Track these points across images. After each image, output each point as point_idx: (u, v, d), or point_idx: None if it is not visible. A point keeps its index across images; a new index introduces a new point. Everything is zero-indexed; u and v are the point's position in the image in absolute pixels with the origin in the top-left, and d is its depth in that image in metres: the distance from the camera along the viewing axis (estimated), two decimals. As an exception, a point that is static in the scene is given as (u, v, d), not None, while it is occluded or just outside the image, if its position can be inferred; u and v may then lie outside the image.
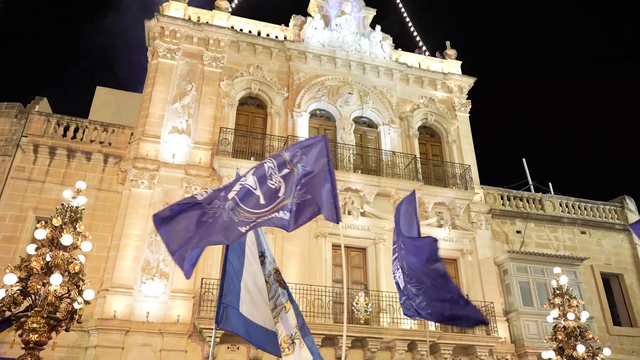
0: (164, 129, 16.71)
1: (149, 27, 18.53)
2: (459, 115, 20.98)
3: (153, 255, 14.67)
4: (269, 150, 17.14)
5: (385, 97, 20.06)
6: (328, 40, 20.19)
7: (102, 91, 22.94)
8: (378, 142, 19.37)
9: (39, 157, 15.24)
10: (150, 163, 15.69)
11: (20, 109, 15.77)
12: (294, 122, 18.25)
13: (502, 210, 19.62)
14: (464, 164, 19.26)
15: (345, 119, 18.87)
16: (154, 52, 18.24)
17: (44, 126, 15.72)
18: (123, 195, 15.44)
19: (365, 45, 20.69)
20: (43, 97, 17.15)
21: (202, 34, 18.70)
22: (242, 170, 16.06)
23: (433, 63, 22.14)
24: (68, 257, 8.84)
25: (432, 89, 21.29)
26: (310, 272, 15.79)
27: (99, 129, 16.38)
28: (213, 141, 16.91)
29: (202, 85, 17.93)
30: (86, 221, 14.61)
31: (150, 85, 17.51)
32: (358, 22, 21.38)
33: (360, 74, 20.24)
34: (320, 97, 19.07)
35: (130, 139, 16.57)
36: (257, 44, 19.32)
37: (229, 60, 18.83)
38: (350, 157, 17.91)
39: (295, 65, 19.45)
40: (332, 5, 21.40)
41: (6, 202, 14.41)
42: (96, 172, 15.59)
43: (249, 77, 18.56)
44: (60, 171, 15.25)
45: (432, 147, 20.36)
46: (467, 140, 20.56)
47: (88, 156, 15.67)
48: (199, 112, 17.39)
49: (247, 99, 18.79)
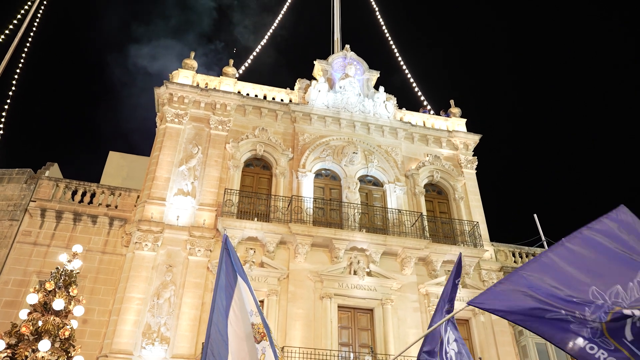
0: (170, 192, 16.92)
1: (158, 94, 19.22)
2: (466, 172, 20.92)
3: (154, 319, 14.44)
4: (273, 211, 17.16)
5: (390, 156, 20.18)
6: (332, 101, 20.66)
7: (114, 156, 23.67)
8: (384, 201, 19.29)
9: (45, 221, 15.47)
10: (155, 225, 15.79)
11: (30, 175, 16.19)
12: (299, 182, 18.37)
13: (515, 267, 19.05)
14: (472, 221, 18.98)
15: (351, 178, 18.93)
16: (162, 117, 18.82)
17: (53, 191, 16.06)
18: (127, 258, 15.44)
19: (369, 105, 21.09)
20: (54, 163, 17.64)
21: (209, 99, 19.32)
22: (247, 232, 16.14)
23: (438, 121, 22.39)
24: (59, 323, 8.72)
25: (438, 147, 21.40)
26: (316, 335, 15.31)
27: (106, 192, 16.67)
28: (218, 202, 17.03)
29: (208, 148, 18.31)
30: (89, 285, 14.67)
31: (157, 149, 17.93)
32: (362, 84, 21.92)
33: (364, 133, 20.51)
34: (325, 157, 19.27)
35: (136, 202, 16.78)
36: (262, 107, 19.84)
37: (235, 123, 19.31)
38: (356, 215, 17.81)
39: (300, 126, 19.83)
40: (337, 69, 22.08)
41: (11, 267, 14.50)
42: (101, 235, 15.71)
43: (254, 139, 18.93)
44: (66, 235, 15.41)
45: (439, 205, 20.18)
46: (475, 196, 20.38)
47: (94, 219, 15.85)
48: (204, 174, 17.65)
49: (253, 161, 19.07)
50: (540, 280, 3.90)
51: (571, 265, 3.97)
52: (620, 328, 3.53)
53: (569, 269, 3.96)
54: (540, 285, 3.85)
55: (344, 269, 16.73)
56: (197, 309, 14.84)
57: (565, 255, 4.07)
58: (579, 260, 3.98)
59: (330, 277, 16.39)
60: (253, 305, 7.78)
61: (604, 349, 3.57)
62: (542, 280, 3.91)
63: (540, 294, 3.79)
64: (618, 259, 3.92)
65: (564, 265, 4.00)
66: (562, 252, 4.10)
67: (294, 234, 16.45)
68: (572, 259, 4.02)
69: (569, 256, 4.05)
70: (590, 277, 3.85)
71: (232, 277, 8.26)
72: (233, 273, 8.24)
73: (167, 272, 15.26)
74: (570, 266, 3.97)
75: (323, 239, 16.74)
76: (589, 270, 3.90)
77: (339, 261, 16.76)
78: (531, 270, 4.04)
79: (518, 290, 3.91)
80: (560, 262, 4.02)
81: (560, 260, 4.04)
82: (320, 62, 22.11)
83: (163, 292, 14.85)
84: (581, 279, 3.86)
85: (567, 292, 3.77)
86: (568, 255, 4.06)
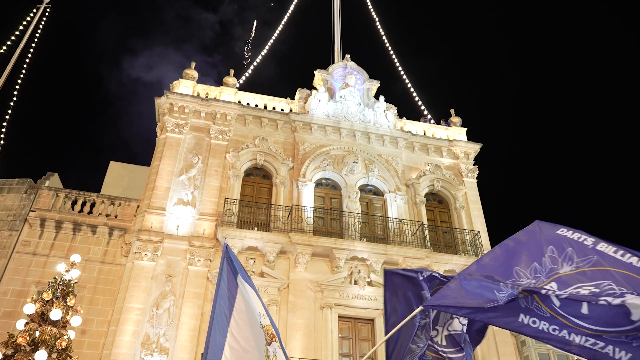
0: (170, 201, 16.89)
1: (159, 104, 19.27)
2: (467, 181, 20.87)
3: (153, 330, 14.34)
4: (273, 221, 17.11)
5: (391, 165, 20.15)
6: (332, 111, 20.68)
7: (115, 166, 23.68)
8: (384, 210, 19.23)
9: (45, 231, 15.43)
10: (155, 235, 15.74)
11: (30, 185, 16.19)
12: (299, 191, 18.33)
13: (517, 277, 18.90)
14: (473, 230, 18.90)
15: (351, 187, 18.89)
16: (162, 127, 18.84)
17: (52, 200, 16.05)
18: (126, 268, 15.38)
19: (370, 115, 21.11)
20: (54, 173, 17.65)
21: (210, 108, 19.36)
22: (247, 241, 16.10)
23: (438, 131, 22.39)
24: (56, 333, 8.65)
25: (438, 156, 21.38)
26: (316, 345, 15.19)
27: (106, 202, 16.65)
28: (218, 212, 16.99)
29: (208, 157, 18.31)
30: (88, 295, 14.59)
31: (157, 159, 17.94)
32: (362, 94, 21.96)
33: (365, 143, 20.50)
34: (326, 166, 19.24)
35: (136, 212, 16.75)
36: (262, 117, 19.87)
37: (235, 133, 19.32)
38: (356, 225, 17.75)
39: (301, 136, 19.84)
40: (337, 78, 22.13)
41: (10, 277, 14.44)
42: (101, 245, 15.66)
43: (255, 148, 18.94)
44: (65, 245, 15.36)
45: (440, 214, 20.11)
46: (476, 205, 20.31)
47: (93, 229, 15.81)
48: (204, 183, 17.63)
49: (253, 170, 19.06)
50: (477, 276, 4.57)
51: (497, 260, 4.78)
52: (547, 297, 4.07)
53: (495, 262, 4.75)
54: (477, 280, 4.52)
55: (345, 279, 16.64)
56: (196, 319, 14.74)
57: (493, 256, 4.87)
58: (502, 256, 4.82)
59: (331, 287, 16.30)
60: (261, 307, 7.71)
61: (544, 319, 4.07)
62: (478, 275, 4.58)
63: (478, 288, 4.42)
64: (531, 246, 4.75)
65: (492, 261, 4.78)
66: (490, 255, 4.91)
67: (294, 244, 16.38)
68: (498, 256, 4.84)
69: (495, 256, 4.85)
70: (513, 262, 4.66)
71: (233, 286, 8.20)
72: (234, 282, 8.19)
73: (167, 282, 15.19)
74: (497, 261, 4.77)
75: (323, 248, 16.67)
76: (511, 259, 4.70)
77: (340, 271, 16.68)
78: (469, 270, 4.74)
79: (462, 288, 4.55)
80: (490, 261, 4.81)
81: (489, 259, 4.84)
82: (321, 71, 22.17)
83: (162, 302, 14.76)
84: (506, 266, 4.64)
85: (497, 278, 4.45)
86: (494, 256, 4.86)
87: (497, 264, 4.74)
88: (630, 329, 3.71)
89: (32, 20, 22.47)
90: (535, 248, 4.72)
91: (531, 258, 4.65)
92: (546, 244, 4.71)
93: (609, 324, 3.78)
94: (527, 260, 4.66)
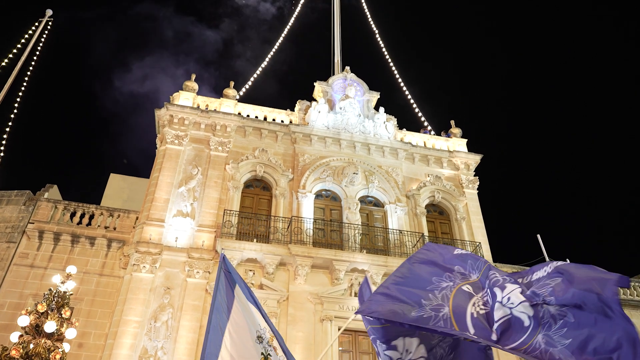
0: (169, 213, 16.82)
1: (159, 115, 19.29)
2: (467, 192, 20.78)
3: (151, 343, 14.17)
4: (273, 232, 17.01)
5: (391, 176, 20.08)
6: (332, 122, 20.67)
7: (115, 178, 23.65)
8: (385, 221, 19.13)
9: (43, 243, 15.35)
10: (153, 247, 15.64)
11: (29, 196, 16.15)
12: (299, 203, 18.25)
13: (519, 289, 18.71)
14: (474, 241, 18.76)
15: (351, 199, 18.81)
16: (162, 139, 18.84)
17: (51, 212, 15.99)
18: (124, 280, 15.26)
19: (370, 126, 21.10)
20: (53, 185, 17.61)
21: (210, 120, 19.36)
22: (246, 253, 15.98)
23: (438, 142, 22.35)
24: (50, 346, 8.53)
25: (439, 167, 21.31)
26: (316, 358, 14.99)
27: (105, 214, 16.58)
28: (217, 224, 16.90)
29: (208, 169, 18.27)
30: (85, 308, 14.46)
31: (157, 171, 17.90)
32: (362, 105, 21.97)
33: (365, 154, 20.46)
34: (326, 177, 19.18)
35: (135, 224, 16.67)
36: (262, 129, 19.86)
37: (235, 145, 19.31)
38: (357, 236, 17.64)
39: (301, 147, 19.81)
40: (337, 90, 22.16)
41: (7, 289, 14.33)
42: (99, 257, 15.57)
43: (254, 160, 18.90)
44: (64, 257, 15.27)
45: (441, 225, 19.99)
46: (477, 217, 20.19)
47: (92, 241, 15.73)
48: (204, 195, 17.57)
49: (253, 182, 19.00)
50: (399, 285, 4.85)
51: (415, 272, 5.08)
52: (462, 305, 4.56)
53: (414, 273, 5.05)
54: (399, 288, 4.79)
55: (345, 291, 16.48)
56: (195, 332, 14.58)
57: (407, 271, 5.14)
58: (418, 271, 5.12)
59: (331, 299, 16.14)
60: (262, 320, 7.57)
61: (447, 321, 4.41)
62: (399, 284, 4.85)
63: (404, 295, 4.68)
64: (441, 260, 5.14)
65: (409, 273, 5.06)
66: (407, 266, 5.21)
67: (294, 255, 16.26)
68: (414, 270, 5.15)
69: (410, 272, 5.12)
70: (431, 273, 5.02)
71: (230, 298, 8.09)
72: (231, 294, 8.08)
73: (165, 294, 15.06)
74: (416, 272, 5.07)
75: (323, 260, 16.55)
76: (428, 271, 5.04)
77: (340, 283, 16.53)
78: (389, 283, 4.94)
79: (390, 295, 4.76)
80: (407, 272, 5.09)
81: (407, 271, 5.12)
82: (321, 83, 22.21)
83: (160, 315, 14.62)
84: (425, 277, 4.95)
85: (415, 289, 4.78)
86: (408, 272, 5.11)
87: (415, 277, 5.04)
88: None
89: (34, 34, 22.61)
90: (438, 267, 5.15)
91: (446, 268, 5.09)
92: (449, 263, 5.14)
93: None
94: (444, 269, 5.09)
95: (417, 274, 4.99)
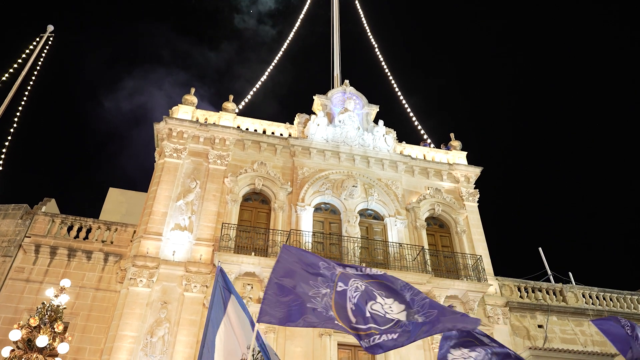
0: (167, 226, 16.71)
1: (158, 129, 19.28)
2: (468, 204, 20.64)
3: (147, 358, 13.95)
4: (271, 245, 16.86)
5: (391, 189, 19.97)
6: (332, 135, 20.63)
7: (114, 192, 23.59)
8: (384, 235, 18.97)
9: (39, 257, 15.23)
10: (150, 260, 15.49)
11: (26, 210, 16.06)
12: (298, 216, 18.13)
13: (521, 302, 18.49)
14: (475, 255, 18.57)
15: (350, 212, 18.68)
16: (161, 152, 18.80)
17: (48, 226, 15.89)
18: (121, 295, 15.08)
19: (369, 139, 21.05)
20: (51, 199, 17.54)
21: (209, 133, 19.33)
22: (244, 267, 15.83)
23: (438, 154, 22.28)
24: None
25: (439, 180, 21.21)
26: (315, 374, 14.74)
27: (102, 227, 16.48)
28: (215, 237, 16.77)
29: (206, 182, 18.19)
30: (81, 323, 14.28)
31: (155, 184, 17.83)
32: (361, 118, 21.95)
33: (364, 167, 20.38)
34: (325, 190, 19.07)
35: (132, 237, 16.55)
36: (261, 142, 19.81)
37: (234, 158, 19.25)
38: (356, 249, 17.47)
39: (300, 160, 19.74)
40: (336, 103, 22.17)
41: (2, 304, 14.17)
42: (95, 272, 15.42)
43: (253, 173, 18.81)
44: (60, 271, 15.13)
45: (441, 238, 19.81)
46: (478, 230, 20.02)
47: (89, 255, 15.60)
48: (202, 208, 17.46)
49: (252, 195, 18.90)
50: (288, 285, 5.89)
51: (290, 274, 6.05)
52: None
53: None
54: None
55: (344, 305, 16.24)
56: (191, 347, 14.36)
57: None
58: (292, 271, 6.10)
59: (330, 314, 15.90)
60: (250, 337, 7.45)
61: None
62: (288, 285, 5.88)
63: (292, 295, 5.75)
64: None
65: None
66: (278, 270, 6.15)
67: (292, 269, 16.07)
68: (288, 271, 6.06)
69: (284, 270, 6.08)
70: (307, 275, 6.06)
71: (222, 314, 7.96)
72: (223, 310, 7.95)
73: (162, 309, 14.87)
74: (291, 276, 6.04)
75: (322, 273, 16.34)
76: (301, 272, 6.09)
77: (339, 297, 16.30)
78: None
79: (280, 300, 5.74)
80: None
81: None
82: (320, 97, 22.22)
83: (157, 330, 14.41)
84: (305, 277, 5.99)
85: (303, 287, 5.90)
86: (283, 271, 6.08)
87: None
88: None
89: (34, 49, 22.73)
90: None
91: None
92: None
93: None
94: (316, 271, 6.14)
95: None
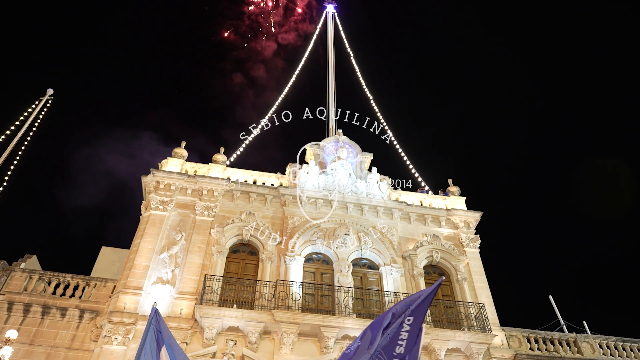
0: (148, 280, 16.00)
1: (145, 182, 19.00)
2: (468, 251, 19.62)
3: None
4: (258, 297, 15.95)
5: (386, 237, 19.13)
6: (323, 183, 20.12)
7: (106, 251, 23.03)
8: (380, 284, 17.95)
9: (12, 315, 14.53)
10: (127, 317, 14.68)
11: (3, 267, 15.57)
12: (287, 266, 17.29)
13: (531, 355, 17.02)
14: (478, 303, 17.35)
15: (343, 261, 17.79)
16: (147, 205, 18.41)
17: (25, 283, 15.31)
18: (94, 354, 14.16)
19: (362, 186, 20.48)
20: (32, 255, 17.07)
21: (197, 185, 18.98)
22: (227, 320, 14.88)
23: (436, 200, 21.53)
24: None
25: (437, 226, 20.34)
26: None
27: (81, 283, 15.84)
28: (198, 291, 15.97)
29: (192, 234, 17.62)
30: (49, 385, 13.31)
31: (139, 237, 17.31)
32: (355, 167, 21.50)
33: (357, 214, 19.68)
34: (316, 240, 18.32)
35: (112, 293, 15.83)
36: (251, 192, 19.35)
37: (222, 209, 18.76)
38: (348, 300, 16.43)
39: (290, 209, 19.15)
40: (328, 152, 21.84)
41: (-32, 367, 13.32)
42: (69, 330, 14.61)
43: (241, 223, 18.21)
44: (32, 329, 14.35)
45: (441, 287, 18.61)
46: (480, 277, 18.89)
47: (63, 312, 14.85)
48: (186, 261, 16.79)
49: (240, 246, 18.21)
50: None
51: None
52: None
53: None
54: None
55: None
56: (167, 410, 13.20)
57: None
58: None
59: (319, 370, 14.73)
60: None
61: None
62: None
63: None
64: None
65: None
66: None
67: (279, 322, 15.09)
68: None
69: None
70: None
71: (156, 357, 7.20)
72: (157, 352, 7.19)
73: (137, 368, 13.85)
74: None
75: (311, 327, 15.32)
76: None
77: (329, 352, 15.17)
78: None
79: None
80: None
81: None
82: (312, 146, 21.94)
83: (130, 392, 13.38)
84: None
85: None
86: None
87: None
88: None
89: (33, 111, 23.09)
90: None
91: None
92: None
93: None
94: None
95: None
